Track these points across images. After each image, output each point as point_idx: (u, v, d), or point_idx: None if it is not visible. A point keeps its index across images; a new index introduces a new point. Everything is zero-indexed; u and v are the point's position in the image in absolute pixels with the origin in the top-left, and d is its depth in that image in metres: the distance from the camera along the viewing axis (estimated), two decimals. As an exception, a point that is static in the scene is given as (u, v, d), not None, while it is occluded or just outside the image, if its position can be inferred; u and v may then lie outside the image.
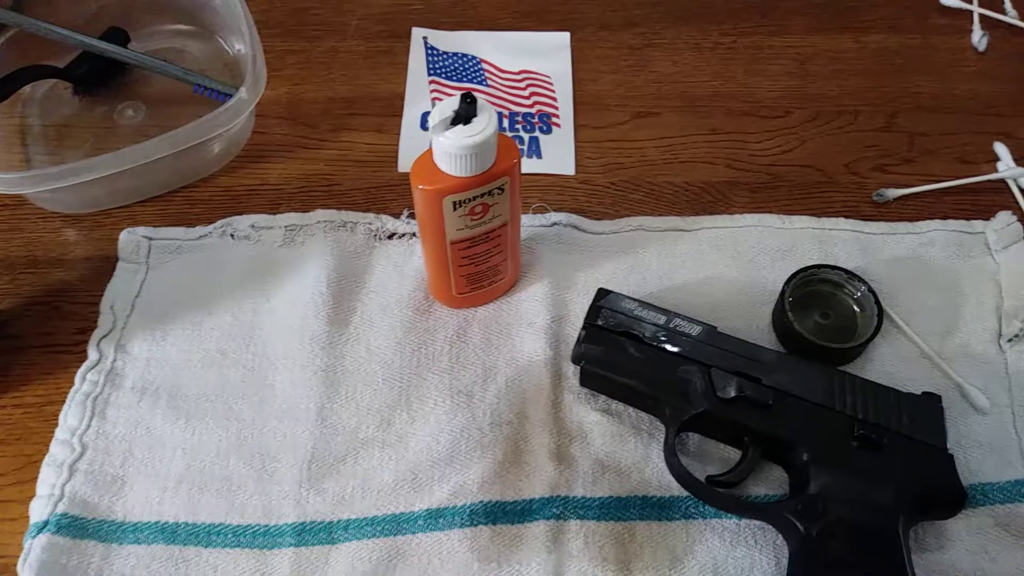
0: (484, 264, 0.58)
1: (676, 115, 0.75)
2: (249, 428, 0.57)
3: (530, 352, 0.59)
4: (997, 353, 0.60)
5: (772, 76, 0.78)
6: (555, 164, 0.71)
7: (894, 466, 0.51)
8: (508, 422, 0.56)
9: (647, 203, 0.69)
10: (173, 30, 0.79)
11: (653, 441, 0.56)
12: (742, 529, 0.53)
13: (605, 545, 0.52)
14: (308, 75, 0.77)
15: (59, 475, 0.54)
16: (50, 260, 0.65)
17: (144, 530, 0.53)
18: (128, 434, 0.56)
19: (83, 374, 0.58)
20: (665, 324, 0.57)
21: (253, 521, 0.53)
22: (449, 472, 0.55)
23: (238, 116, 0.64)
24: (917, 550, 0.52)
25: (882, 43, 0.80)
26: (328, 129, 0.73)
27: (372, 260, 0.64)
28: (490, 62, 0.78)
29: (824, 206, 0.68)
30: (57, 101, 0.74)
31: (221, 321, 0.61)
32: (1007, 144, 0.71)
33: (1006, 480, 0.55)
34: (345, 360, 0.59)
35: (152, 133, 0.61)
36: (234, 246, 0.65)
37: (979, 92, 0.77)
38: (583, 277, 0.63)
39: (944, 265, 0.64)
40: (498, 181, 0.52)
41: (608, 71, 0.78)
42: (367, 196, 0.69)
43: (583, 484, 0.54)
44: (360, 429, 0.56)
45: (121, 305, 0.62)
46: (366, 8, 0.83)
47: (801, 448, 0.52)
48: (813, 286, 0.61)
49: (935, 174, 0.70)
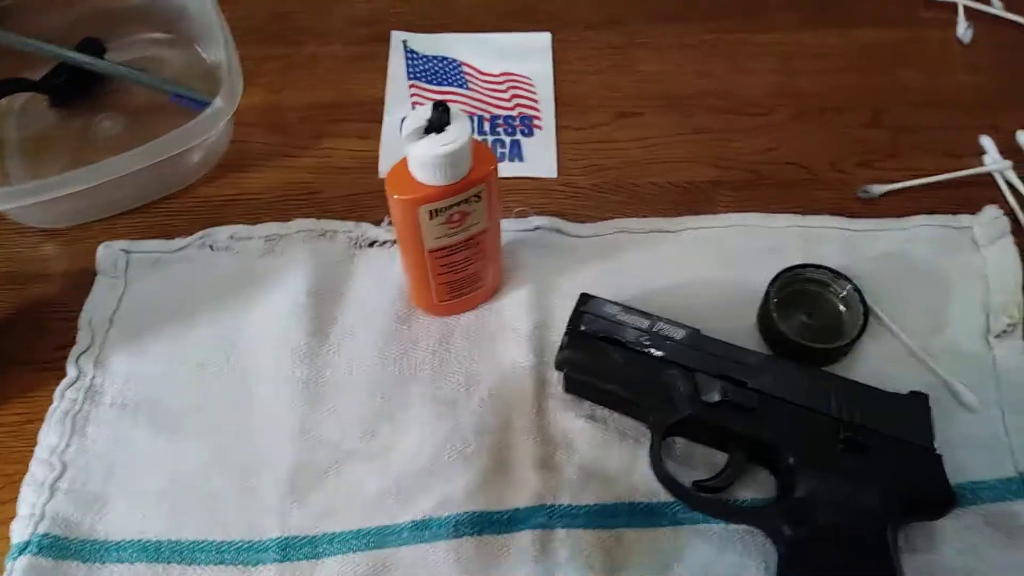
0: (464, 271, 0.57)
1: (659, 115, 0.74)
2: (231, 442, 0.56)
3: (513, 359, 0.59)
4: (985, 349, 0.60)
5: (756, 73, 0.77)
6: (537, 167, 0.70)
7: (881, 468, 0.51)
8: (492, 431, 0.56)
9: (630, 204, 0.68)
10: (150, 39, 0.78)
11: (639, 447, 0.55)
12: (730, 534, 0.53)
13: (592, 553, 0.51)
14: (288, 81, 0.77)
15: (40, 495, 0.53)
16: (29, 275, 0.65)
17: (127, 548, 0.52)
18: (109, 451, 0.56)
19: (62, 391, 0.58)
20: (648, 328, 0.56)
21: (237, 537, 0.52)
22: (433, 483, 0.54)
23: (215, 126, 0.64)
24: (907, 551, 0.51)
25: (867, 38, 0.80)
26: (308, 136, 0.73)
27: (353, 269, 0.64)
28: (471, 65, 0.77)
29: (809, 204, 0.68)
30: (33, 114, 0.74)
31: (201, 334, 0.60)
32: (993, 137, 0.71)
33: (995, 478, 0.54)
34: (327, 371, 0.59)
35: (130, 144, 0.61)
36: (213, 258, 0.65)
37: (965, 85, 0.76)
38: (566, 282, 0.62)
39: (931, 261, 0.64)
40: (475, 189, 0.51)
41: (590, 71, 0.77)
42: (348, 203, 0.68)
43: (569, 492, 0.54)
44: (343, 441, 0.56)
45: (99, 320, 0.61)
46: (347, 11, 0.82)
47: (787, 451, 0.52)
48: (798, 286, 0.61)
49: (921, 169, 0.69)
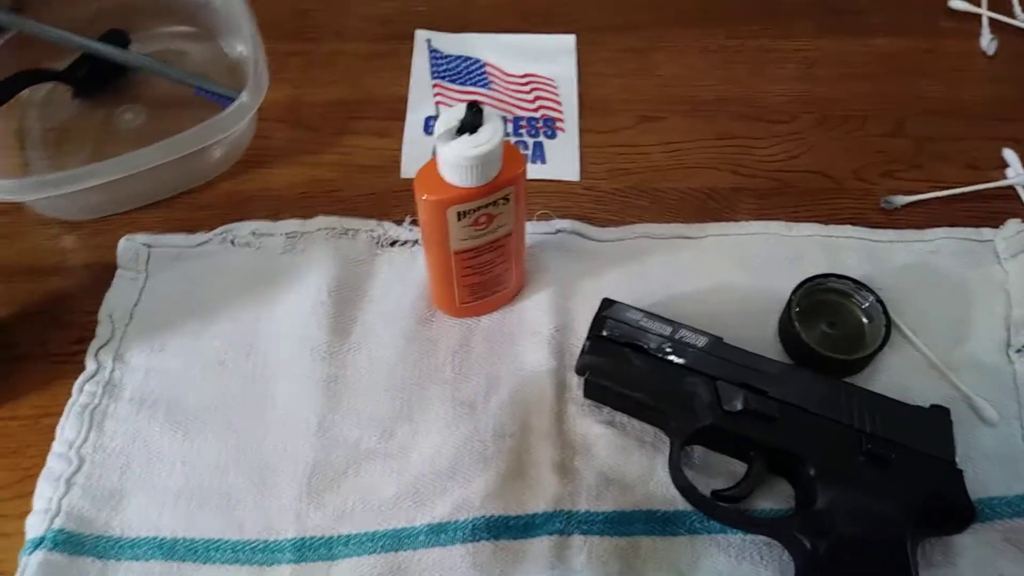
0: (488, 274, 0.57)
1: (682, 119, 0.74)
2: (249, 440, 0.56)
3: (533, 363, 0.59)
4: (1006, 363, 0.59)
5: (778, 80, 0.77)
6: (559, 170, 0.70)
7: (902, 481, 0.50)
8: (511, 434, 0.56)
9: (652, 210, 0.68)
10: (174, 32, 0.78)
11: (658, 454, 0.55)
12: (748, 545, 0.52)
13: (609, 561, 0.51)
14: (310, 78, 0.76)
15: (56, 489, 0.53)
16: (48, 268, 0.64)
17: (142, 546, 0.52)
18: (126, 447, 0.55)
19: (81, 385, 0.58)
20: (671, 335, 0.56)
21: (252, 536, 0.52)
22: (451, 486, 0.54)
23: (239, 121, 0.63)
24: (924, 565, 0.51)
25: (889, 47, 0.79)
26: (330, 133, 0.73)
27: (374, 268, 0.63)
28: (494, 65, 0.77)
29: (832, 213, 0.67)
30: (56, 104, 0.74)
31: (221, 330, 0.60)
32: (1016, 150, 0.70)
33: (1015, 494, 0.54)
34: (346, 370, 0.58)
35: (153, 137, 0.61)
36: (234, 253, 0.64)
37: (988, 97, 0.76)
38: (587, 286, 0.62)
39: (953, 274, 0.63)
40: (503, 191, 0.51)
41: (613, 74, 0.77)
42: (369, 202, 0.68)
43: (587, 498, 0.53)
44: (361, 441, 0.56)
45: (120, 314, 0.61)
46: (368, 10, 0.82)
47: (808, 462, 0.51)
48: (820, 295, 0.60)
49: (944, 180, 0.69)
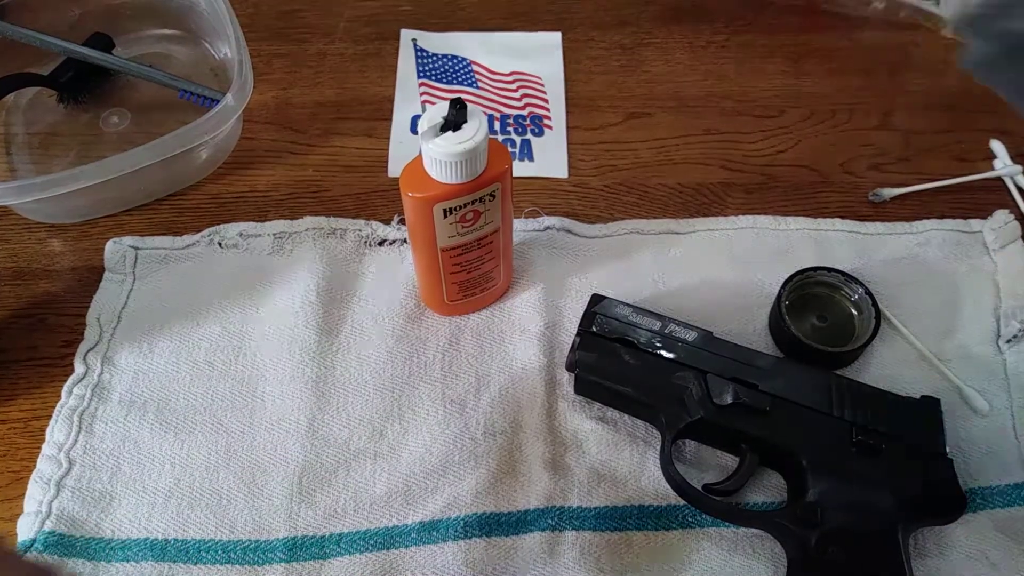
0: (476, 271, 0.57)
1: (669, 115, 0.74)
2: (239, 441, 0.56)
3: (524, 360, 0.58)
4: (996, 354, 0.59)
5: (766, 75, 0.77)
6: (547, 167, 0.70)
7: (893, 472, 0.50)
8: (502, 431, 0.56)
9: (641, 205, 0.68)
10: (158, 35, 0.78)
11: (649, 449, 0.55)
12: (740, 538, 0.52)
13: (601, 556, 0.51)
14: (296, 79, 0.76)
15: (46, 492, 0.53)
16: (35, 271, 0.64)
17: (133, 547, 0.52)
18: (116, 449, 0.55)
19: (70, 388, 0.57)
20: (660, 330, 0.56)
21: (243, 536, 0.52)
22: (442, 483, 0.54)
23: (224, 123, 0.63)
24: (917, 556, 0.51)
25: (876, 40, 0.80)
26: (317, 134, 0.72)
27: (362, 267, 0.63)
28: (481, 64, 0.77)
29: (820, 206, 0.67)
30: (41, 109, 0.73)
31: (209, 332, 0.60)
32: (1004, 141, 0.70)
33: (1006, 484, 0.54)
34: (336, 370, 0.58)
35: (138, 140, 0.61)
36: (222, 255, 0.64)
37: (975, 88, 0.75)
38: (577, 282, 0.62)
39: (942, 265, 0.64)
40: (489, 188, 0.51)
41: (600, 71, 0.77)
42: (357, 202, 0.68)
43: (579, 494, 0.53)
44: (352, 441, 0.56)
45: (107, 317, 0.61)
46: (354, 10, 0.82)
47: (799, 454, 0.51)
48: (810, 289, 0.60)
49: (931, 172, 0.69)
